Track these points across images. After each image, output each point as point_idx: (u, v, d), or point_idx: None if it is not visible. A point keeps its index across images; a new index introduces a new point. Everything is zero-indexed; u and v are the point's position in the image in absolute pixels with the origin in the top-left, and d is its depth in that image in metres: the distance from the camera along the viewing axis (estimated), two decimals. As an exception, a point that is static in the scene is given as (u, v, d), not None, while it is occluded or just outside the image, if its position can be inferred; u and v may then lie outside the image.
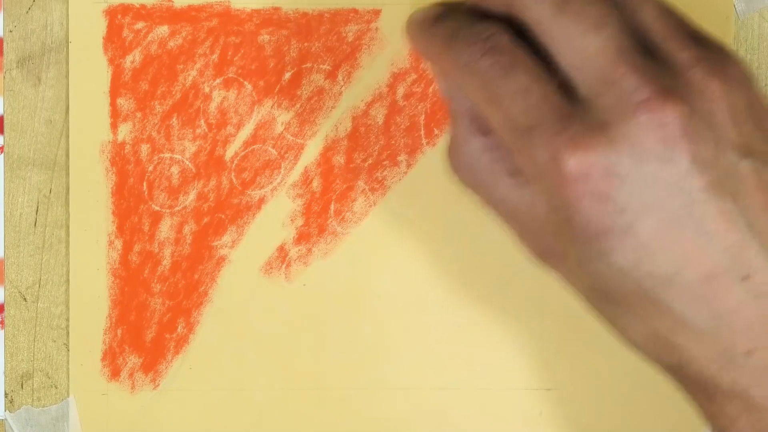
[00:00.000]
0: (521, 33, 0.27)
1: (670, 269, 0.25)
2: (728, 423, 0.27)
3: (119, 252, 0.36)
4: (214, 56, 0.36)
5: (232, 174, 0.36)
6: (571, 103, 0.26)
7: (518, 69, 0.27)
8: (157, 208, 0.36)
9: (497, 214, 0.29)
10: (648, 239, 0.25)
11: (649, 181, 0.25)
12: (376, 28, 0.36)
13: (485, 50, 0.27)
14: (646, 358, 0.27)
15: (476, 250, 0.36)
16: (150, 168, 0.36)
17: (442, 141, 0.36)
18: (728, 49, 0.27)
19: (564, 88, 0.26)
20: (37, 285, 0.36)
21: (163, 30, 0.35)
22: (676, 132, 0.25)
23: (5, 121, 0.36)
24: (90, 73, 0.35)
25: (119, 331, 0.36)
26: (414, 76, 0.36)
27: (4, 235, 0.36)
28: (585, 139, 0.25)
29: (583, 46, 0.26)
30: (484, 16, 0.28)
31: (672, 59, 0.26)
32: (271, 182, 0.36)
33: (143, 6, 0.35)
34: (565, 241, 0.27)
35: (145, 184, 0.36)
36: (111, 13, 0.35)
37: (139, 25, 0.35)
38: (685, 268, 0.25)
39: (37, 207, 0.36)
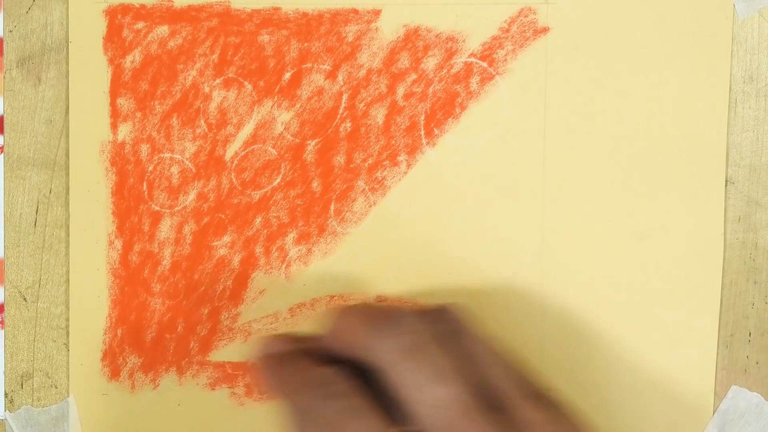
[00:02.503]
0: (367, 373, 0.28)
1: None
2: None
3: (119, 252, 0.36)
4: (214, 56, 0.36)
5: (232, 174, 0.36)
6: None
7: (360, 414, 0.27)
8: (157, 208, 0.36)
9: None
10: None
11: None
12: (376, 28, 0.36)
13: (326, 395, 0.28)
14: None
15: (476, 250, 0.36)
16: (150, 168, 0.36)
17: (442, 141, 0.36)
18: (566, 410, 0.29)
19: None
20: (37, 285, 0.36)
21: (163, 30, 0.35)
22: None
23: (5, 121, 0.36)
24: (90, 73, 0.35)
25: (119, 331, 0.36)
26: (414, 76, 0.36)
27: (4, 235, 0.36)
28: None
29: (430, 395, 0.27)
30: (325, 356, 0.29)
31: (517, 415, 0.27)
32: (271, 182, 0.36)
33: (143, 6, 0.35)
34: None
35: (145, 184, 0.36)
36: (111, 13, 0.35)
37: (139, 25, 0.35)
38: None
39: (37, 207, 0.36)
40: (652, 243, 0.36)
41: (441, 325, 0.29)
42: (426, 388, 0.27)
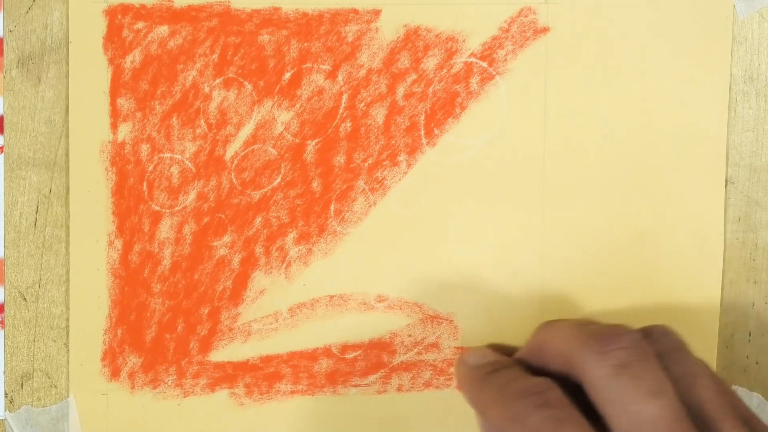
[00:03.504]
0: (574, 389, 0.28)
1: None
2: None
3: (119, 252, 0.36)
4: (214, 56, 0.36)
5: (232, 174, 0.36)
6: None
7: (569, 423, 0.27)
8: (157, 208, 0.36)
9: None
10: None
11: None
12: (376, 28, 0.36)
13: (538, 404, 0.28)
14: None
15: (476, 250, 0.36)
16: (150, 168, 0.36)
17: (442, 141, 0.36)
18: None
19: None
20: (37, 285, 0.36)
21: (163, 30, 0.35)
22: None
23: (5, 121, 0.36)
24: (90, 73, 0.35)
25: (119, 331, 0.36)
26: (414, 76, 0.36)
27: (4, 235, 0.36)
28: None
29: (637, 411, 0.27)
30: (533, 370, 0.29)
31: None
32: (271, 182, 0.36)
33: (143, 6, 0.35)
34: None
35: (145, 184, 0.36)
36: (111, 13, 0.35)
37: (139, 25, 0.35)
38: None
39: (37, 207, 0.36)
40: (652, 243, 0.36)
41: (655, 345, 0.29)
42: (634, 404, 0.27)
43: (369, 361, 0.37)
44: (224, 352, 0.36)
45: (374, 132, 0.36)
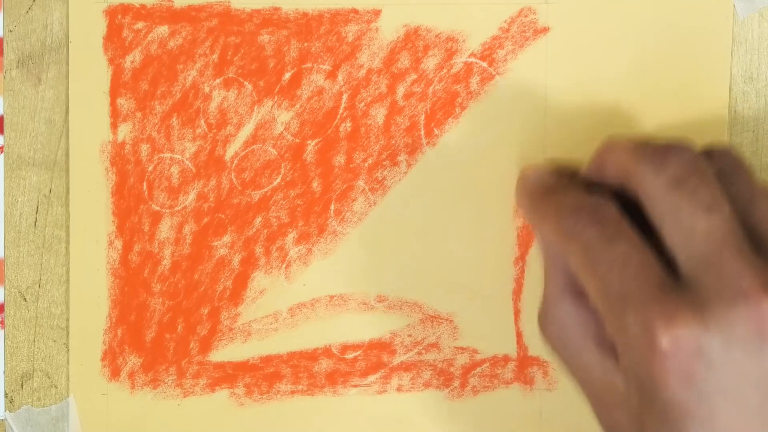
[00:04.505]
0: (629, 204, 0.28)
1: None
2: None
3: (119, 252, 0.36)
4: (214, 56, 0.36)
5: (232, 174, 0.36)
6: (670, 279, 0.26)
7: (621, 239, 0.27)
8: (157, 208, 0.36)
9: (575, 379, 0.29)
10: (723, 429, 0.25)
11: (736, 370, 0.25)
12: (376, 28, 0.36)
13: (592, 219, 0.27)
14: None
15: (476, 250, 0.36)
16: (150, 168, 0.36)
17: (442, 141, 0.36)
18: None
19: (667, 265, 0.26)
20: (37, 285, 0.36)
21: (163, 30, 0.35)
22: None
23: (5, 121, 0.36)
24: (90, 73, 0.35)
25: (119, 331, 0.36)
26: (414, 76, 0.36)
27: (4, 235, 0.36)
28: (679, 315, 0.25)
29: (691, 226, 0.26)
30: (593, 184, 0.29)
31: None
32: (271, 182, 0.36)
33: (143, 6, 0.35)
34: (641, 419, 0.26)
35: (145, 184, 0.36)
36: (111, 13, 0.35)
37: (139, 25, 0.35)
38: None
39: (37, 207, 0.36)
40: (652, 243, 0.36)
41: (714, 162, 0.28)
42: (690, 217, 0.26)
43: (369, 361, 0.37)
44: (224, 352, 0.36)
45: (374, 132, 0.36)
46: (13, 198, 0.36)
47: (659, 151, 0.28)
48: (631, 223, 0.28)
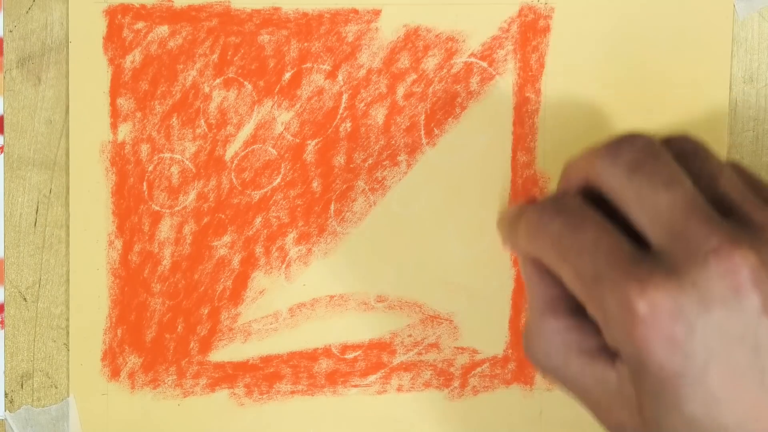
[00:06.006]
0: (601, 201, 0.28)
1: (740, 423, 0.25)
2: None
3: (119, 252, 0.36)
4: (214, 56, 0.36)
5: (232, 174, 0.36)
6: (642, 254, 0.26)
7: (587, 225, 0.27)
8: (157, 208, 0.36)
9: (571, 392, 0.29)
10: (717, 389, 0.25)
11: (717, 328, 0.25)
12: (376, 28, 0.36)
13: (555, 211, 0.28)
14: None
15: (476, 250, 0.36)
16: (150, 168, 0.36)
17: (442, 141, 0.36)
18: None
19: (639, 248, 0.27)
20: (37, 285, 0.36)
21: (163, 30, 0.35)
22: (746, 281, 0.25)
23: (5, 121, 0.36)
24: (90, 73, 0.35)
25: (119, 331, 0.36)
26: (414, 76, 0.36)
27: (4, 235, 0.36)
28: (653, 280, 0.25)
29: (654, 203, 0.26)
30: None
31: (747, 219, 0.27)
32: (271, 182, 0.36)
33: (143, 6, 0.35)
34: (639, 404, 0.26)
35: (145, 184, 0.36)
36: (111, 13, 0.35)
37: (139, 25, 0.35)
38: (750, 423, 0.25)
39: (37, 207, 0.36)
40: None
41: (673, 146, 0.29)
42: (652, 195, 0.26)
43: (369, 361, 0.37)
44: (224, 352, 0.36)
45: (374, 132, 0.36)
46: (13, 198, 0.36)
47: (613, 143, 0.28)
48: (596, 210, 0.28)
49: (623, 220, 0.28)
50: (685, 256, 0.25)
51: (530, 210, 0.29)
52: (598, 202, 0.28)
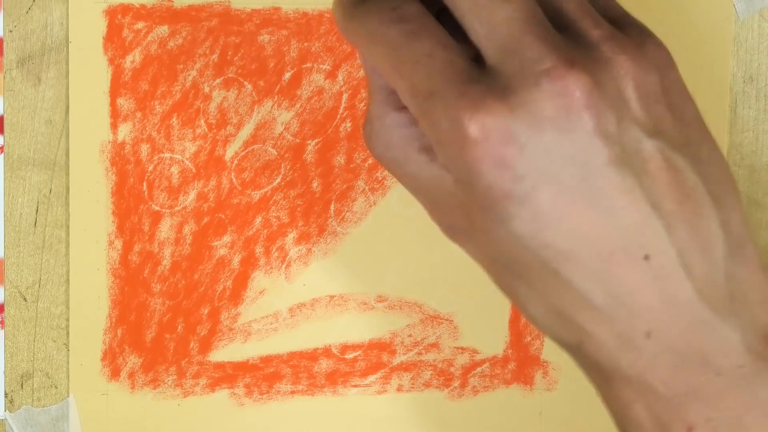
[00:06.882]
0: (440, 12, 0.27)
1: (567, 242, 0.25)
2: (625, 407, 0.26)
3: (119, 252, 0.36)
4: (214, 56, 0.36)
5: (232, 174, 0.36)
6: (477, 71, 0.26)
7: (424, 35, 0.26)
8: (157, 208, 0.36)
9: (409, 189, 0.29)
10: (546, 209, 0.25)
11: (548, 150, 0.25)
12: (376, 28, 0.36)
13: (392, 19, 0.27)
14: (548, 335, 0.27)
15: (476, 250, 0.36)
16: (150, 168, 0.36)
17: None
18: (649, 32, 0.27)
19: (475, 61, 0.26)
20: (37, 285, 0.36)
21: (163, 30, 0.35)
22: (579, 102, 0.25)
23: (5, 121, 0.36)
24: (90, 73, 0.35)
25: (119, 331, 0.36)
26: (414, 76, 0.36)
27: (4, 235, 0.36)
28: (485, 102, 0.25)
29: (491, 15, 0.26)
30: None
31: (584, 36, 0.26)
32: (271, 182, 0.36)
33: (143, 6, 0.35)
34: (469, 212, 0.26)
35: (145, 184, 0.36)
36: (111, 13, 0.35)
37: (139, 25, 0.35)
38: (583, 243, 0.25)
39: (37, 207, 0.36)
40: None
41: None
42: (490, 5, 0.26)
43: (369, 361, 0.37)
44: (224, 352, 0.36)
45: (374, 132, 0.36)
46: (13, 198, 0.36)
47: None
48: (434, 21, 0.27)
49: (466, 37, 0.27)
50: (519, 75, 0.25)
51: (368, 12, 0.27)
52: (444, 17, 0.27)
